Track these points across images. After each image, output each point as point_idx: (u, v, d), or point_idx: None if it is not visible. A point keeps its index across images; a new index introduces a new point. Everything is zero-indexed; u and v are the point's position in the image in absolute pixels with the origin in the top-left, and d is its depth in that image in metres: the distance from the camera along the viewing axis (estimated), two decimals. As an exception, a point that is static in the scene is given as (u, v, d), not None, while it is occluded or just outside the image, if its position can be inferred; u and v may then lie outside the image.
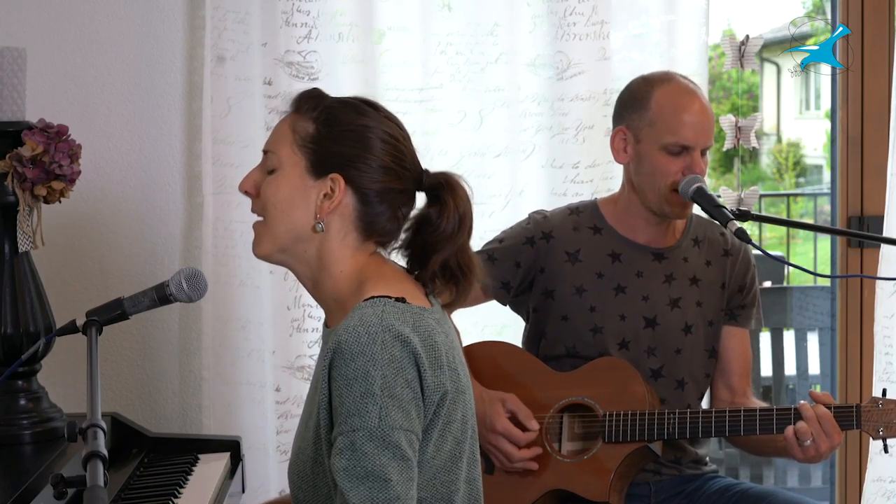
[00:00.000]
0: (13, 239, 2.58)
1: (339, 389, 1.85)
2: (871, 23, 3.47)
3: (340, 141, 1.97)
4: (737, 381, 2.85)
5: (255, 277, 3.21)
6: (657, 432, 2.64)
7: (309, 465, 1.96)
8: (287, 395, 3.25)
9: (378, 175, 1.97)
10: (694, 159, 2.70)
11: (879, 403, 2.55)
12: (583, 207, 2.87)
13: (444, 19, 3.29)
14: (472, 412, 2.02)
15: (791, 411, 2.58)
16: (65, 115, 2.80)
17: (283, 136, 2.01)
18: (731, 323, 2.85)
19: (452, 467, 1.95)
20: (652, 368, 2.78)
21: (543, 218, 2.86)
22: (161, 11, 3.27)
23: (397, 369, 1.85)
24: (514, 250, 2.81)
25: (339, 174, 1.96)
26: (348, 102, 2.03)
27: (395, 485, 1.82)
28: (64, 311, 2.56)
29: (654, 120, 2.72)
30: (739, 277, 2.84)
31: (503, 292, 2.83)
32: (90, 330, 2.01)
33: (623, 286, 2.79)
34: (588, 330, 2.78)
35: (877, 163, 3.46)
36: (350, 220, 1.99)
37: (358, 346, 1.84)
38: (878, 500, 3.29)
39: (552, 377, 2.78)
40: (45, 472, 2.27)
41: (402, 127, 2.05)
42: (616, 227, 2.81)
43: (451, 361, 1.95)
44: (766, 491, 2.79)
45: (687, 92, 2.75)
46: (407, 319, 1.89)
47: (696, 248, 2.83)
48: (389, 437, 1.83)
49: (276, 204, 1.99)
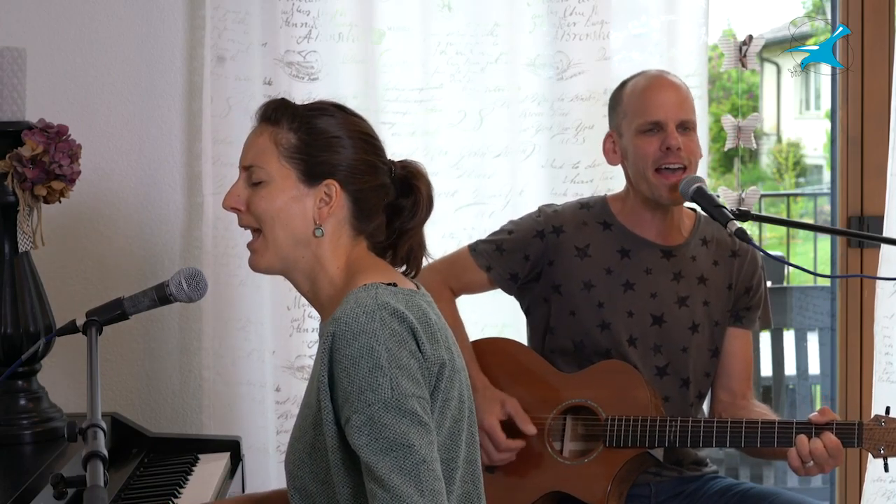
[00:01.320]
0: (13, 239, 2.58)
1: (345, 370, 1.87)
2: (871, 23, 3.47)
3: (326, 148, 2.02)
4: (737, 385, 2.85)
5: (255, 277, 3.20)
6: (658, 439, 2.64)
7: (307, 450, 1.97)
8: (287, 395, 3.25)
9: (364, 174, 2.03)
10: (669, 133, 2.72)
11: (882, 422, 2.51)
12: (593, 203, 2.88)
13: (444, 19, 3.29)
14: (468, 393, 2.05)
15: (793, 426, 2.57)
16: (65, 115, 2.80)
17: (266, 150, 2.04)
18: (735, 325, 2.85)
19: (452, 445, 1.97)
20: (658, 366, 2.78)
21: (554, 212, 2.87)
22: (161, 11, 3.27)
23: (399, 342, 1.89)
24: (523, 242, 2.82)
25: (332, 179, 2.01)
26: (321, 108, 2.07)
27: (419, 449, 1.85)
28: (64, 311, 2.56)
29: (626, 111, 2.77)
30: (746, 279, 2.84)
31: (510, 283, 2.85)
32: (90, 330, 2.01)
33: (632, 283, 2.79)
34: (596, 325, 2.78)
35: (877, 163, 3.46)
36: (345, 220, 2.03)
37: (357, 325, 1.88)
38: (878, 500, 3.29)
39: (557, 377, 2.78)
40: (45, 472, 2.27)
41: (368, 122, 2.10)
42: (625, 223, 2.82)
43: (445, 339, 1.99)
44: (768, 491, 2.79)
45: (654, 76, 2.80)
46: (400, 299, 1.94)
47: (704, 248, 2.83)
48: (405, 405, 1.86)
49: (275, 215, 2.02)
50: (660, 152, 2.72)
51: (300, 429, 2.01)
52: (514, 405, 2.71)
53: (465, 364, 2.07)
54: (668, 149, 2.71)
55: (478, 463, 2.06)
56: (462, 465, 1.99)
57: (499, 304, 3.21)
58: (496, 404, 2.70)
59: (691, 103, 2.80)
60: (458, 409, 1.99)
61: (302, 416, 2.02)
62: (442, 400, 1.95)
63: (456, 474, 1.98)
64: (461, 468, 1.99)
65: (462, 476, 1.99)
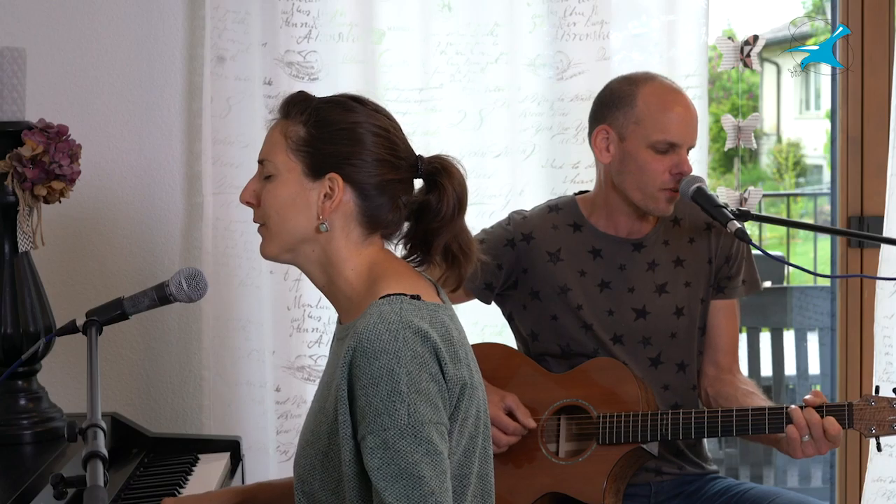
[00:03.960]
0: (13, 239, 2.58)
1: (364, 389, 1.86)
2: (871, 23, 3.47)
3: (333, 140, 1.99)
4: (723, 358, 2.83)
5: (255, 277, 3.21)
6: (650, 433, 2.64)
7: (320, 458, 1.97)
8: (287, 395, 3.25)
9: (374, 168, 1.99)
10: (681, 157, 2.69)
11: (871, 401, 2.52)
12: (562, 204, 2.86)
13: (444, 19, 3.29)
14: (484, 408, 2.04)
15: (783, 411, 2.56)
16: (65, 115, 2.80)
17: (276, 143, 2.02)
18: (718, 296, 2.82)
19: (466, 461, 1.97)
20: (650, 357, 2.78)
21: (523, 219, 2.84)
22: (161, 11, 3.27)
23: (421, 364, 1.87)
24: (494, 252, 2.79)
25: (336, 173, 1.98)
26: (335, 101, 2.04)
27: (429, 480, 1.84)
28: (64, 311, 2.57)
29: (640, 118, 2.71)
30: (726, 248, 2.81)
31: (486, 293, 2.83)
32: (90, 330, 2.01)
33: (607, 281, 2.78)
34: (579, 327, 2.78)
35: (877, 163, 3.46)
36: (352, 216, 2.00)
37: (380, 343, 1.86)
38: (878, 500, 3.29)
39: (547, 379, 2.78)
40: (45, 472, 2.27)
41: (391, 117, 2.06)
42: (595, 224, 2.81)
43: (466, 357, 1.98)
44: (768, 491, 2.78)
45: (672, 90, 2.75)
46: (424, 316, 1.91)
47: (676, 228, 2.81)
48: (420, 433, 1.85)
49: (279, 210, 2.00)
50: (669, 175, 2.69)
51: (313, 433, 1.99)
52: (514, 400, 2.71)
53: (482, 379, 2.06)
54: (680, 173, 2.69)
55: (489, 477, 2.05)
56: (474, 481, 1.99)
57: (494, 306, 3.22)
58: (496, 396, 2.71)
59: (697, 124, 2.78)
60: (474, 426, 1.98)
61: (316, 422, 2.00)
62: (461, 419, 1.94)
63: (468, 490, 1.98)
64: (473, 483, 1.99)
65: (473, 491, 1.99)
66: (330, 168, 1.98)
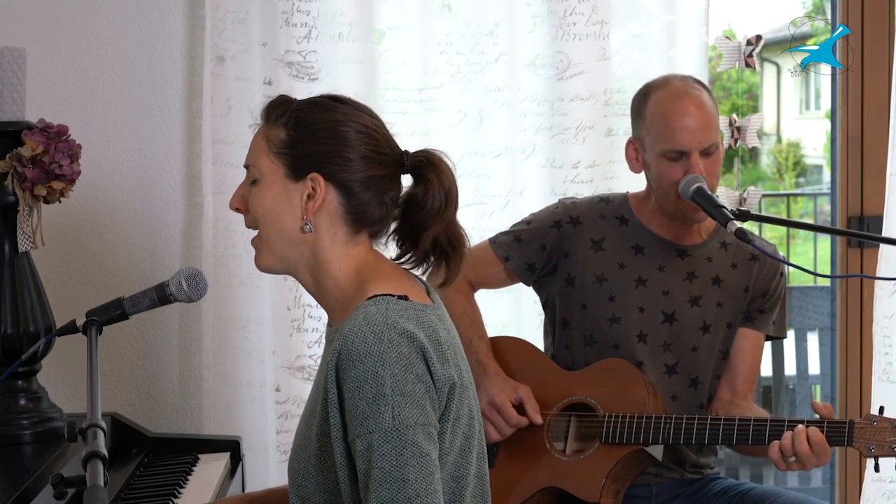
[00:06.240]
0: (13, 239, 2.58)
1: (350, 392, 1.86)
2: (871, 23, 3.47)
3: (312, 140, 1.99)
4: (741, 384, 2.83)
5: (255, 277, 3.20)
6: (652, 436, 2.64)
7: (312, 461, 1.96)
8: (287, 395, 3.25)
9: (356, 165, 1.98)
10: (692, 162, 2.69)
11: (874, 421, 2.48)
12: (612, 198, 2.88)
13: (444, 19, 3.29)
14: (477, 408, 2.04)
15: (784, 424, 2.55)
16: (65, 115, 2.80)
17: (259, 147, 2.03)
18: (747, 325, 2.83)
19: (463, 462, 1.97)
20: (667, 364, 2.79)
21: (573, 204, 2.88)
22: (161, 11, 3.27)
23: (406, 366, 1.86)
24: (540, 232, 2.83)
25: (317, 173, 1.98)
26: (314, 101, 2.04)
27: (414, 483, 1.83)
28: (64, 311, 2.56)
29: (650, 129, 2.73)
30: (764, 283, 2.81)
31: (528, 273, 2.85)
32: (90, 330, 2.01)
33: (644, 279, 2.79)
34: (606, 319, 2.78)
35: (877, 163, 3.46)
36: (337, 215, 1.99)
37: (365, 346, 1.85)
38: (878, 500, 3.29)
39: (558, 375, 2.79)
40: (45, 472, 2.27)
41: (374, 115, 2.05)
42: (642, 220, 2.82)
43: (454, 357, 1.97)
44: (769, 491, 2.78)
45: (678, 96, 2.73)
46: (411, 316, 1.91)
47: (722, 251, 2.82)
48: (405, 436, 1.84)
49: (265, 214, 2.01)
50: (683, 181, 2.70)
51: (305, 437, 1.99)
52: (527, 392, 2.73)
53: (472, 379, 2.06)
54: None
55: (486, 477, 2.05)
56: (472, 481, 1.99)
57: (498, 304, 3.22)
58: (509, 386, 2.72)
59: (715, 121, 2.75)
60: (468, 426, 1.98)
61: (307, 425, 2.00)
62: (453, 419, 1.94)
63: (466, 490, 1.98)
64: (471, 484, 1.99)
65: (472, 492, 1.99)
66: (311, 168, 1.98)
